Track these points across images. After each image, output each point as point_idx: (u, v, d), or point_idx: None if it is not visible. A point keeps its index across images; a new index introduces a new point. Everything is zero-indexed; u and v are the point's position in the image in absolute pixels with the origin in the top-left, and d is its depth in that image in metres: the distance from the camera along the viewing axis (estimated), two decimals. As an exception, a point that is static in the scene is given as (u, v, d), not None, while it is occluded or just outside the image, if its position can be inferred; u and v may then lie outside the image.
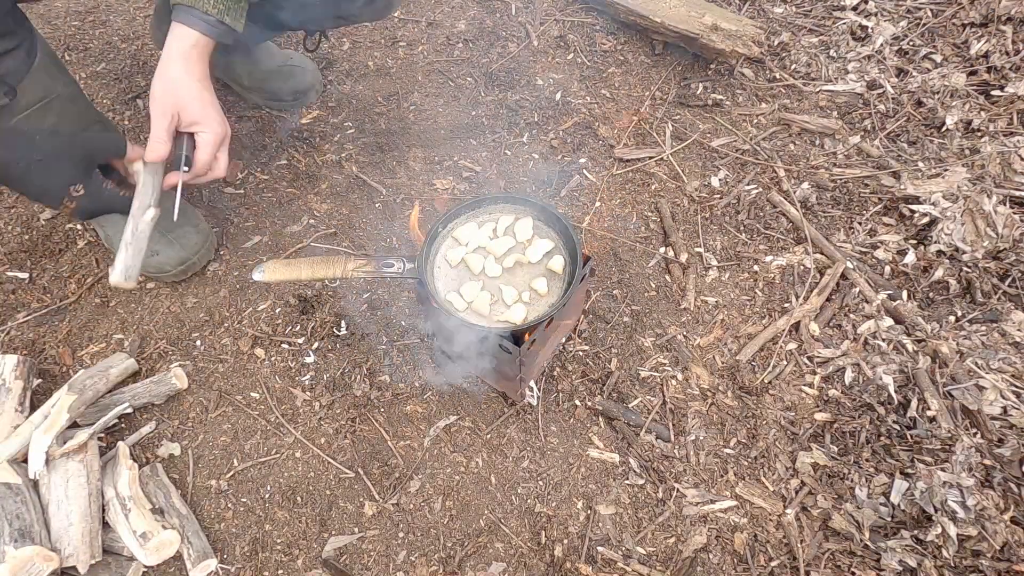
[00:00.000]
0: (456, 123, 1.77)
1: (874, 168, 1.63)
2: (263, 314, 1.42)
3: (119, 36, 1.97)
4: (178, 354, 1.37)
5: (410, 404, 1.31)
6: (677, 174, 1.66)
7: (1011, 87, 1.68)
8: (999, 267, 1.42)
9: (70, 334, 1.39)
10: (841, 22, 1.93)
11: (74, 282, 1.46)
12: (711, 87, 1.83)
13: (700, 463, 1.24)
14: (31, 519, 1.04)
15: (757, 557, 1.14)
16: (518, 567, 1.14)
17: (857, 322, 1.37)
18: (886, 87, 1.77)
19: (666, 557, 1.15)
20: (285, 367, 1.35)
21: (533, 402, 1.30)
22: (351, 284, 1.47)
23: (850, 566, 1.11)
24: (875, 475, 1.18)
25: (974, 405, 1.21)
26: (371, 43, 1.97)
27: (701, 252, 1.52)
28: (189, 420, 1.29)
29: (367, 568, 1.14)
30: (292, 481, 1.23)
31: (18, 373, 1.20)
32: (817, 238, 1.51)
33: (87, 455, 1.12)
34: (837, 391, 1.30)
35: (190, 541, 1.11)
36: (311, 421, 1.29)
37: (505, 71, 1.88)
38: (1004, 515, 1.10)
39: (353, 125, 1.77)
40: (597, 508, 1.19)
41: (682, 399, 1.31)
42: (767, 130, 1.73)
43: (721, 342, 1.39)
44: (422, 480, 1.23)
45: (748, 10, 2.01)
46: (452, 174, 1.66)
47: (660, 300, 1.45)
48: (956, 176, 1.53)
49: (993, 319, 1.35)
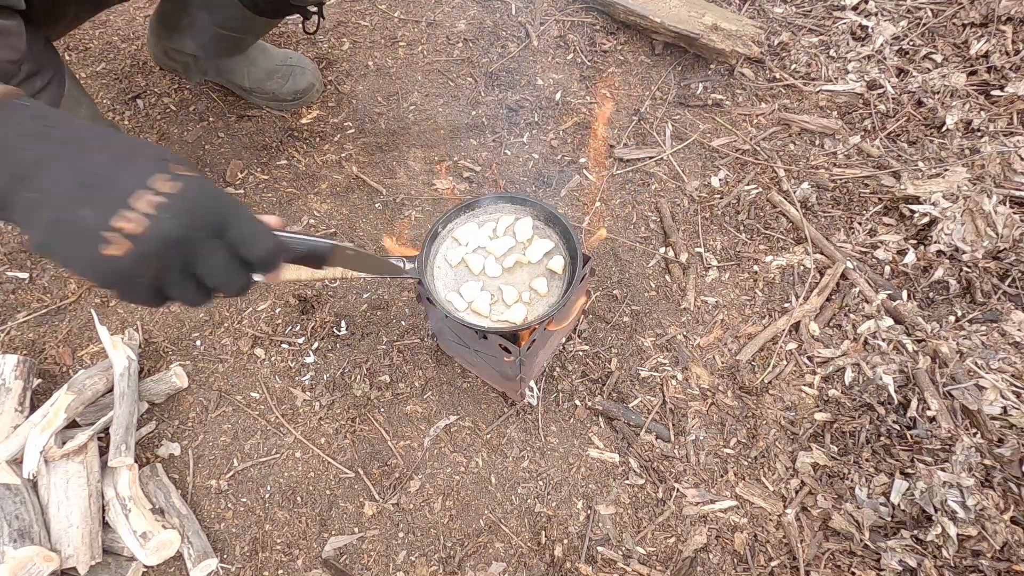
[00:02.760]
0: (456, 123, 1.77)
1: (874, 168, 1.63)
2: (263, 314, 1.42)
3: (119, 36, 1.97)
4: (178, 354, 1.37)
5: (410, 404, 1.31)
6: (677, 174, 1.66)
7: (1011, 87, 1.68)
8: (999, 267, 1.42)
9: (70, 334, 1.39)
10: (841, 22, 1.93)
11: (74, 282, 1.46)
12: (711, 87, 1.83)
13: (700, 463, 1.24)
14: (30, 519, 1.04)
15: (757, 557, 1.14)
16: (518, 567, 1.14)
17: (857, 322, 1.37)
18: (886, 87, 1.76)
19: (666, 557, 1.15)
20: (285, 367, 1.35)
21: (533, 402, 1.30)
22: (351, 284, 1.47)
23: (850, 566, 1.11)
24: (875, 475, 1.18)
25: (974, 405, 1.21)
26: (371, 43, 1.97)
27: (701, 252, 1.52)
28: (189, 420, 1.29)
29: (367, 568, 1.14)
30: (292, 481, 1.23)
31: (18, 373, 1.20)
32: (817, 238, 1.51)
33: (87, 456, 1.12)
34: (837, 391, 1.30)
35: (190, 541, 1.11)
36: (311, 421, 1.29)
37: (505, 71, 1.88)
38: (1004, 515, 1.10)
39: (353, 125, 1.77)
40: (597, 508, 1.19)
41: (682, 399, 1.31)
42: (767, 130, 1.73)
43: (721, 342, 1.39)
44: (422, 480, 1.23)
45: (748, 10, 2.01)
46: (452, 174, 1.66)
47: (660, 300, 1.45)
48: (956, 176, 1.53)
49: (993, 319, 1.35)
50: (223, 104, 1.79)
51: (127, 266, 0.54)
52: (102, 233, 0.52)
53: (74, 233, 0.53)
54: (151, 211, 0.53)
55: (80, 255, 0.53)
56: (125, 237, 0.53)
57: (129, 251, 0.53)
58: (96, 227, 0.53)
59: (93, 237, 0.53)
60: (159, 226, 0.54)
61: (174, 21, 1.51)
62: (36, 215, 0.54)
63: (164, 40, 1.58)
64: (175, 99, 1.81)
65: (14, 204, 0.54)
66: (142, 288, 0.57)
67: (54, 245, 0.54)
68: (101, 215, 0.53)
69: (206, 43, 1.52)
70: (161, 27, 1.57)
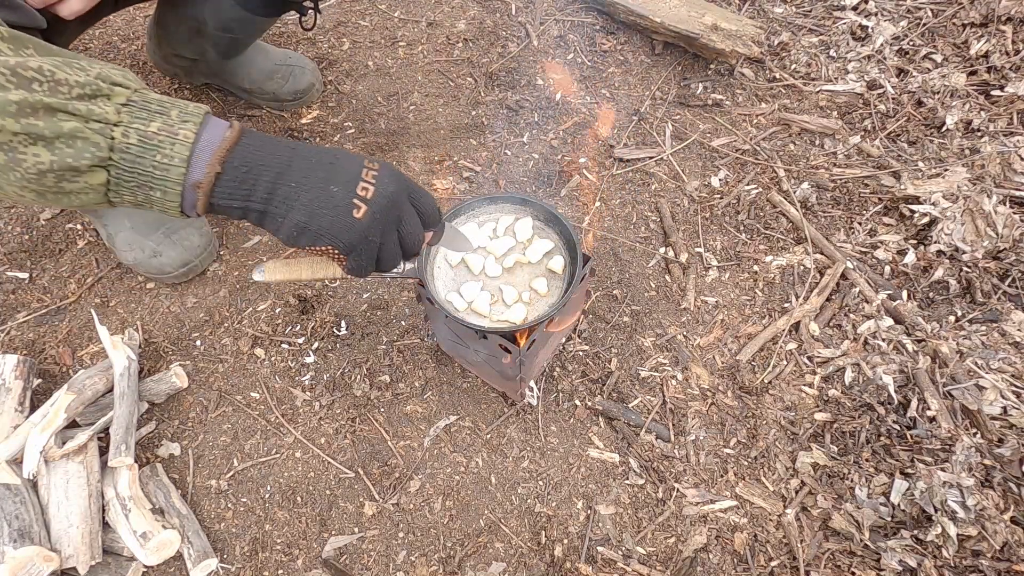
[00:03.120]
0: (456, 123, 1.77)
1: (874, 168, 1.63)
2: (263, 314, 1.42)
3: (119, 36, 1.97)
4: (178, 354, 1.37)
5: (410, 404, 1.31)
6: (677, 174, 1.66)
7: (1011, 87, 1.68)
8: (999, 267, 1.42)
9: (70, 334, 1.39)
10: (841, 22, 1.93)
11: (74, 282, 1.46)
12: (711, 87, 1.83)
13: (700, 463, 1.24)
14: (30, 519, 1.04)
15: (757, 557, 1.14)
16: (518, 567, 1.14)
17: (857, 322, 1.37)
18: (886, 87, 1.77)
19: (666, 557, 1.15)
20: (285, 367, 1.35)
21: (533, 402, 1.30)
22: (351, 284, 1.47)
23: (850, 566, 1.11)
24: (875, 475, 1.18)
25: (974, 405, 1.21)
26: (371, 43, 1.97)
27: (701, 252, 1.52)
28: (189, 420, 1.29)
29: (367, 568, 1.14)
30: (292, 481, 1.23)
31: (18, 373, 1.20)
32: (817, 238, 1.51)
33: (87, 456, 1.12)
34: (837, 391, 1.30)
35: (190, 541, 1.11)
36: (311, 421, 1.29)
37: (505, 71, 1.88)
38: (1004, 515, 1.10)
39: (353, 125, 1.77)
40: (597, 508, 1.19)
41: (682, 399, 1.31)
42: (767, 130, 1.73)
43: (721, 342, 1.39)
44: (422, 480, 1.23)
45: (748, 10, 2.01)
46: (452, 174, 1.66)
47: (660, 300, 1.45)
48: (956, 176, 1.53)
49: (993, 319, 1.35)
50: (223, 105, 1.78)
51: (367, 225, 0.72)
52: (352, 200, 0.71)
53: (330, 205, 0.70)
54: (373, 182, 0.72)
55: (336, 222, 0.70)
56: (364, 202, 0.71)
57: (365, 212, 0.72)
58: (345, 198, 0.71)
59: (345, 206, 0.71)
60: (382, 189, 0.73)
61: (172, 26, 1.51)
62: (296, 200, 0.69)
63: (164, 45, 1.59)
64: (175, 99, 1.81)
65: (276, 195, 0.69)
66: (371, 250, 0.75)
67: (313, 219, 0.70)
68: (347, 188, 0.71)
69: (205, 46, 1.52)
70: (160, 32, 1.57)
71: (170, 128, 0.64)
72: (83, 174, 0.63)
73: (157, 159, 0.64)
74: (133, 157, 0.63)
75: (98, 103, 0.62)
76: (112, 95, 0.63)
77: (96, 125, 0.61)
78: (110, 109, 0.62)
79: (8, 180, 0.62)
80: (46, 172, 0.61)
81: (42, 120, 0.59)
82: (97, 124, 0.61)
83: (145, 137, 0.63)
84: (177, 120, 0.65)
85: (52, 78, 0.60)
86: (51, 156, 0.60)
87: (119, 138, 0.62)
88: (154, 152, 0.64)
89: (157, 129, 0.64)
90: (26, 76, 0.59)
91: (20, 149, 0.59)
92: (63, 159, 0.61)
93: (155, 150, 0.64)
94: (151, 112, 0.64)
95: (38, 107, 0.59)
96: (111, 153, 0.63)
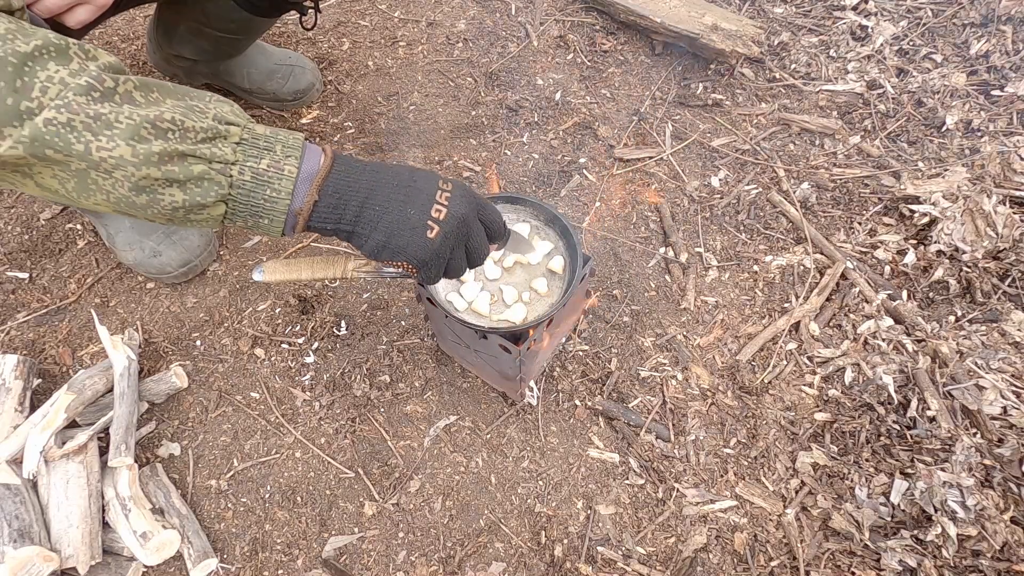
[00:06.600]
0: (456, 123, 1.77)
1: (874, 168, 1.63)
2: (263, 314, 1.42)
3: (119, 36, 1.97)
4: (178, 354, 1.37)
5: (410, 404, 1.31)
6: (677, 174, 1.66)
7: (1011, 87, 1.68)
8: (999, 267, 1.42)
9: (70, 334, 1.39)
10: (841, 22, 1.93)
11: (74, 282, 1.46)
12: (711, 87, 1.83)
13: (700, 463, 1.24)
14: (30, 519, 1.04)
15: (757, 557, 1.14)
16: (518, 567, 1.14)
17: (857, 322, 1.37)
18: (886, 87, 1.76)
19: (666, 557, 1.15)
20: (285, 367, 1.35)
21: (533, 402, 1.30)
22: (351, 284, 1.47)
23: (850, 566, 1.11)
24: (875, 475, 1.18)
25: (974, 405, 1.21)
26: (371, 43, 1.97)
27: (701, 252, 1.52)
28: (189, 420, 1.29)
29: (367, 568, 1.14)
30: (292, 481, 1.23)
31: (18, 373, 1.20)
32: (817, 238, 1.51)
33: (87, 456, 1.12)
34: (837, 391, 1.30)
35: (190, 541, 1.12)
36: (311, 421, 1.29)
37: (505, 71, 1.88)
38: (1004, 515, 1.10)
39: (353, 125, 1.77)
40: (597, 508, 1.19)
41: (682, 399, 1.31)
42: (767, 130, 1.73)
43: (721, 342, 1.39)
44: (422, 480, 1.23)
45: (748, 10, 2.01)
46: (452, 174, 1.66)
47: (660, 300, 1.45)
48: (956, 176, 1.53)
49: (993, 319, 1.35)
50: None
51: (439, 244, 0.78)
52: (427, 222, 0.77)
53: (407, 227, 0.77)
54: (446, 204, 0.78)
55: (412, 241, 0.77)
56: (437, 223, 0.77)
57: (438, 233, 0.78)
58: (421, 220, 0.77)
59: (420, 227, 0.77)
60: (454, 211, 0.78)
61: (172, 28, 1.51)
62: (378, 222, 0.76)
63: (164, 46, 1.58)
64: (175, 99, 1.81)
65: (363, 218, 0.76)
66: (440, 264, 0.80)
67: (392, 239, 0.77)
68: (422, 211, 0.77)
69: (205, 47, 1.52)
70: (159, 34, 1.57)
71: (277, 164, 0.71)
72: (207, 207, 0.70)
73: (268, 193, 0.72)
74: (247, 192, 0.71)
75: (218, 144, 0.69)
76: (228, 135, 0.70)
77: (218, 166, 0.69)
78: (228, 150, 0.70)
79: (147, 214, 0.70)
80: (179, 208, 0.69)
81: (177, 166, 0.66)
82: (219, 165, 0.69)
83: (257, 174, 0.71)
84: (282, 156, 0.72)
85: (182, 127, 0.66)
86: (184, 196, 0.68)
87: (236, 176, 0.70)
88: (264, 187, 0.71)
89: (267, 166, 0.71)
90: (162, 128, 0.65)
91: (160, 191, 0.67)
92: (193, 198, 0.68)
93: (266, 185, 0.71)
94: (260, 149, 0.71)
95: (174, 155, 0.66)
96: (230, 190, 0.70)
